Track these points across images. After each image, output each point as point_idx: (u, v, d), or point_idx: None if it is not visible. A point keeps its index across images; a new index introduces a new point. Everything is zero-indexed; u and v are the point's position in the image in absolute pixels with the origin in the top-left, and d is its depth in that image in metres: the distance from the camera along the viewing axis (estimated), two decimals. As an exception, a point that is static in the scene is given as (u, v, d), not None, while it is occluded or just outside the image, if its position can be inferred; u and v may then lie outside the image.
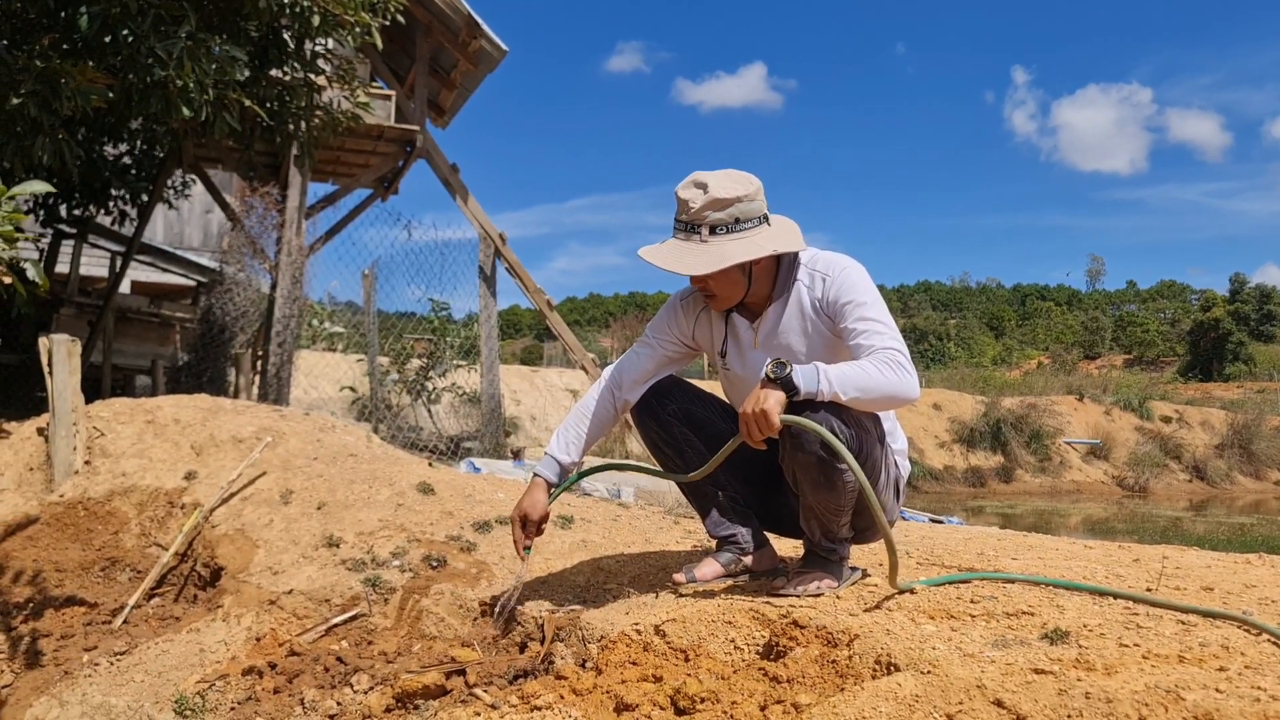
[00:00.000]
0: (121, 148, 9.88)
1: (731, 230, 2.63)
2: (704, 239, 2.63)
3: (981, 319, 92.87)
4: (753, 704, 2.16)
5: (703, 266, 2.61)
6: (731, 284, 2.72)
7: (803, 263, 2.76)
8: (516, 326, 71.56)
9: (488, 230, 11.05)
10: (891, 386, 2.45)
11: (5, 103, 5.01)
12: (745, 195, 2.64)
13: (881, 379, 2.45)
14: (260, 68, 6.54)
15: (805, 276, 2.74)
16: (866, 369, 2.46)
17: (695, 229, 2.64)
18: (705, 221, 2.62)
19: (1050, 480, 22.71)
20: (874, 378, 2.45)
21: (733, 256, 2.60)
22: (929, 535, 4.12)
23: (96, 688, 3.06)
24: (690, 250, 2.64)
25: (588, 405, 2.94)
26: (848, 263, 2.72)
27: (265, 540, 3.73)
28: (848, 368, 2.46)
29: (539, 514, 2.88)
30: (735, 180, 2.66)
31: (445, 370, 12.02)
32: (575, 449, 2.91)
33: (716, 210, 2.62)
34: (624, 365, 2.98)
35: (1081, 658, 2.02)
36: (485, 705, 2.50)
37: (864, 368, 2.46)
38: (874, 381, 2.44)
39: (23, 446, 4.43)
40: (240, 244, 10.26)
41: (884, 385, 2.45)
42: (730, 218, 2.63)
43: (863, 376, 2.45)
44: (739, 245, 2.62)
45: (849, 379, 2.43)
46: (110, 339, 11.16)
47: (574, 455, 2.91)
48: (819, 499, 2.59)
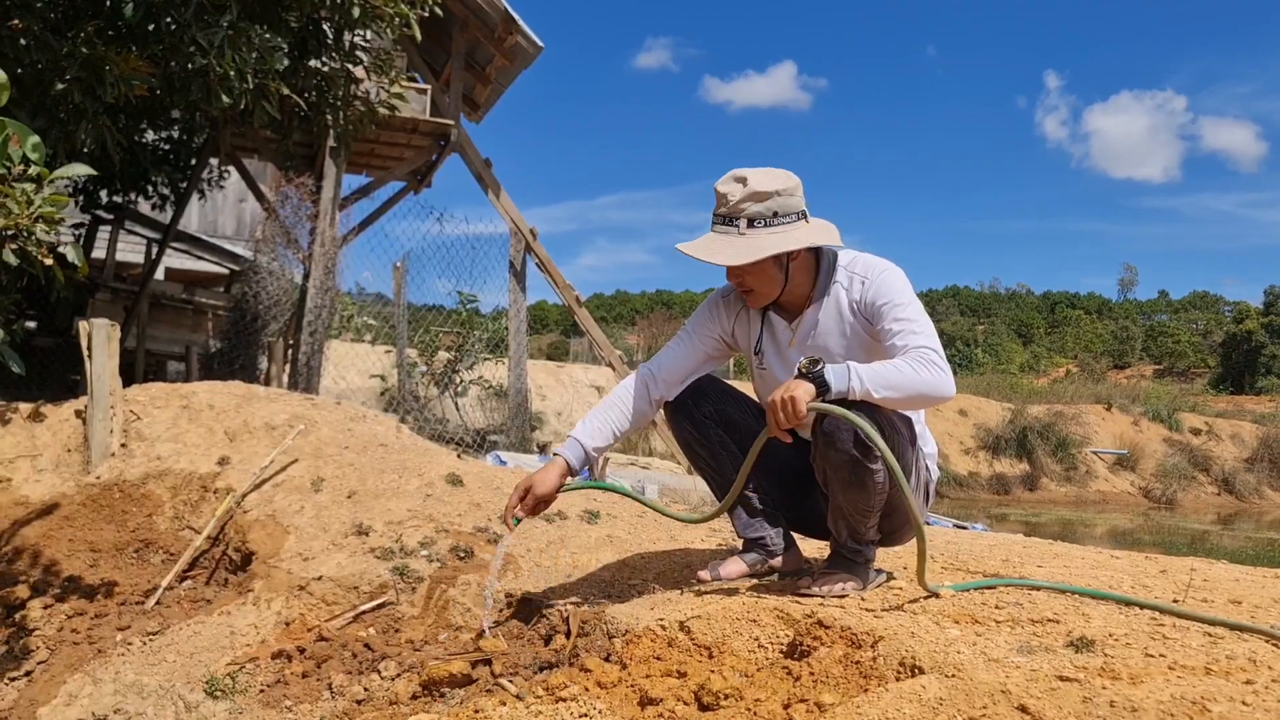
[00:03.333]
0: (160, 135, 10.00)
1: (769, 224, 2.63)
2: (741, 231, 2.64)
3: (1010, 325, 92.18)
4: (776, 702, 2.18)
5: (739, 257, 2.62)
6: (768, 279, 2.72)
7: (842, 265, 2.77)
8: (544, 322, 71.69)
9: (519, 225, 11.10)
10: (925, 385, 2.45)
11: (50, 88, 5.09)
12: (784, 190, 2.65)
13: (915, 377, 2.45)
14: (299, 58, 6.61)
15: (844, 278, 2.75)
16: (900, 367, 2.46)
17: (733, 221, 2.65)
18: (743, 214, 2.63)
19: (1076, 489, 22.52)
20: (907, 376, 2.45)
21: (768, 248, 2.61)
22: (954, 541, 4.11)
23: (129, 667, 3.12)
24: (727, 242, 2.65)
25: (620, 396, 2.91)
26: (886, 265, 2.73)
27: (296, 527, 3.78)
28: (880, 366, 2.46)
29: (544, 492, 2.81)
30: (774, 175, 2.66)
31: (473, 363, 12.09)
32: (601, 437, 2.87)
33: (755, 203, 2.62)
34: (660, 360, 2.96)
35: (1107, 666, 2.02)
36: (511, 695, 2.53)
37: (897, 366, 2.46)
38: (906, 379, 2.44)
39: (61, 428, 4.51)
40: (274, 233, 10.36)
41: (917, 383, 2.45)
42: (769, 211, 2.63)
43: (895, 374, 2.45)
44: (775, 238, 2.63)
45: (881, 377, 2.44)
46: (145, 325, 11.30)
47: (599, 442, 2.86)
48: (849, 498, 2.59)
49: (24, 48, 4.95)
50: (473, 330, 12.20)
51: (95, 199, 10.61)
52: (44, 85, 5.09)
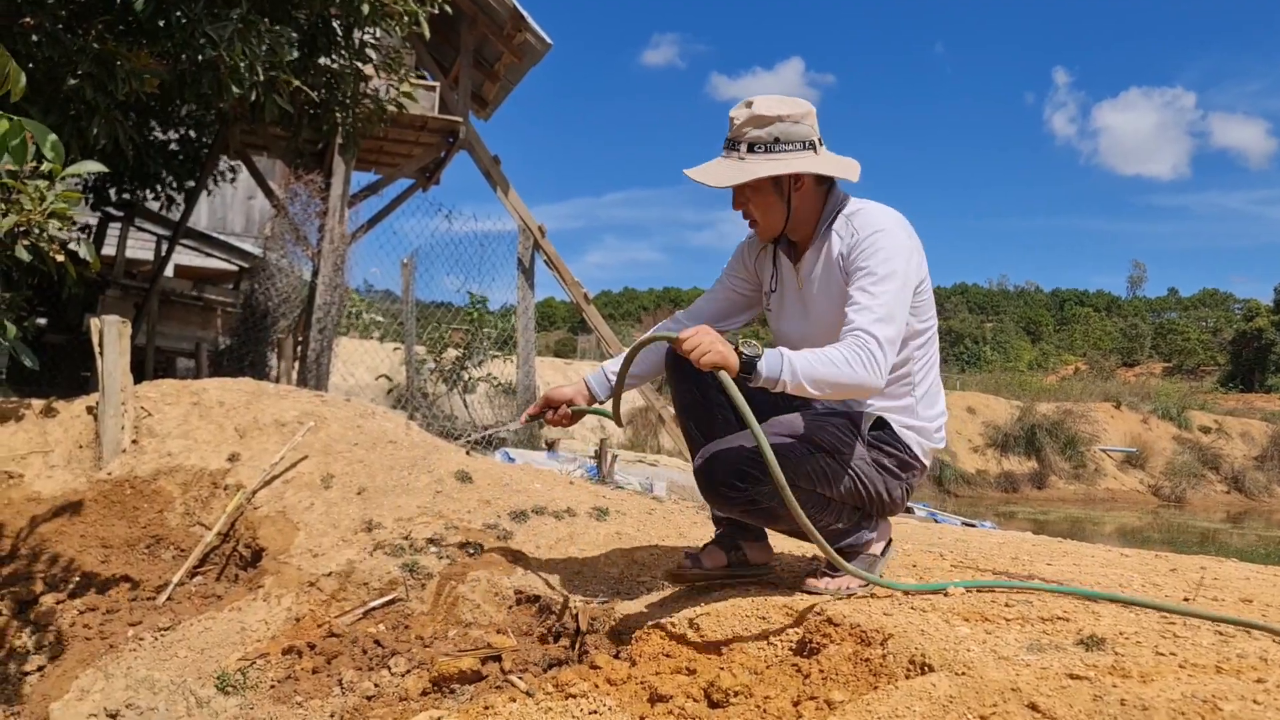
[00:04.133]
0: (170, 133, 10.02)
1: (770, 150, 2.55)
2: (741, 156, 2.57)
3: (1018, 323, 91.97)
4: (785, 699, 2.19)
5: (727, 179, 2.56)
6: (769, 208, 2.64)
7: (845, 213, 2.65)
8: (551, 319, 71.79)
9: (527, 223, 11.11)
10: (851, 380, 2.37)
11: (62, 84, 5.11)
12: (789, 115, 2.56)
13: (845, 371, 2.36)
14: (309, 55, 6.63)
15: (841, 227, 2.63)
16: (833, 358, 2.37)
17: (735, 146, 2.58)
18: (745, 138, 2.56)
19: (1084, 487, 22.48)
20: (837, 370, 2.36)
21: (758, 171, 2.53)
22: (963, 539, 4.11)
23: (141, 662, 3.13)
24: (725, 165, 2.59)
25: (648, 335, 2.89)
26: (883, 224, 2.58)
27: (306, 523, 3.79)
28: (814, 357, 2.37)
29: (557, 400, 2.85)
30: (782, 101, 2.58)
31: (481, 360, 12.11)
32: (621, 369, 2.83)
33: (756, 127, 2.55)
34: (692, 305, 2.95)
35: (1117, 665, 2.02)
36: (520, 692, 2.54)
37: (830, 357, 2.37)
38: (835, 374, 2.36)
39: (73, 424, 4.53)
40: (283, 230, 10.38)
41: (844, 378, 2.36)
42: (770, 136, 2.55)
43: (826, 367, 2.36)
44: (771, 164, 2.55)
45: (812, 370, 2.34)
46: (155, 321, 11.34)
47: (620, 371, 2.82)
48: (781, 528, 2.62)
49: (36, 44, 4.96)
50: (481, 327, 12.23)
51: (105, 196, 10.64)
52: (56, 81, 5.10)
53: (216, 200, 15.47)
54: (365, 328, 15.54)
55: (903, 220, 2.62)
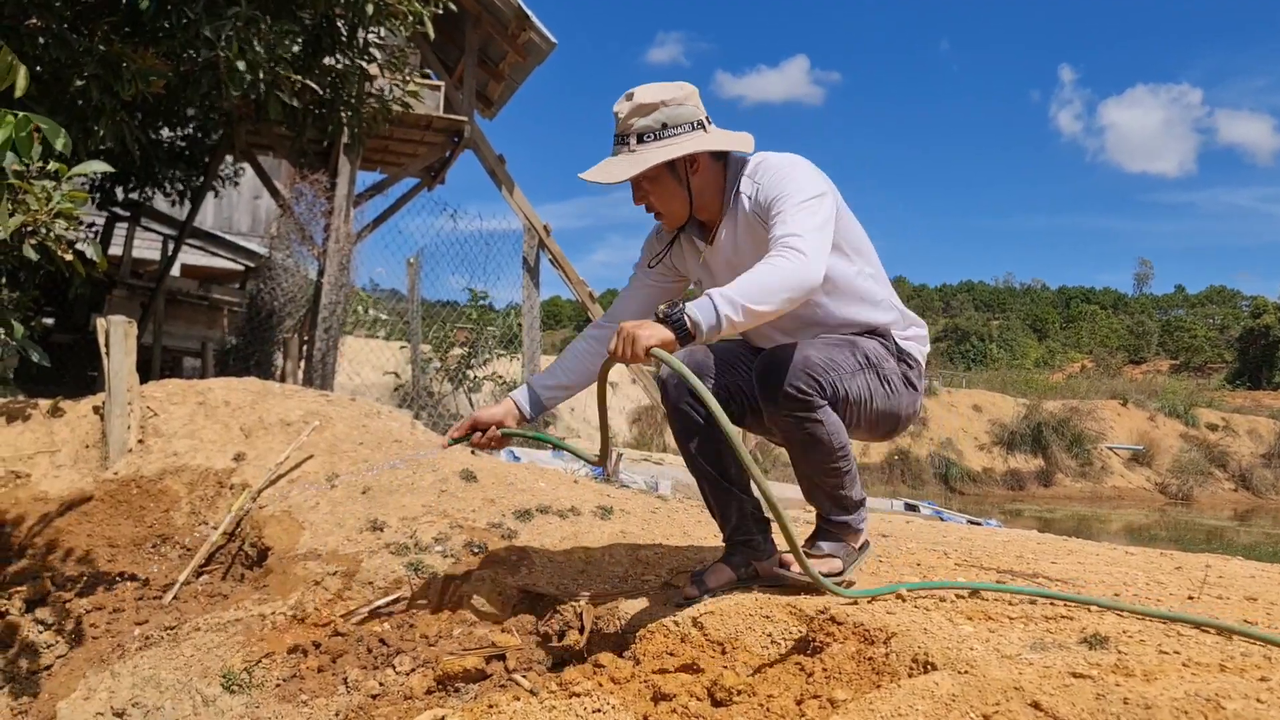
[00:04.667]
0: (176, 133, 10.05)
1: (659, 137, 2.51)
2: (632, 148, 2.53)
3: (1025, 320, 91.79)
4: (789, 698, 2.19)
5: (622, 172, 2.51)
6: (669, 195, 2.60)
7: (745, 173, 2.61)
8: (557, 318, 71.80)
9: (532, 221, 11.12)
10: (784, 279, 2.28)
11: (68, 86, 5.13)
12: (671, 99, 2.52)
13: (771, 278, 2.28)
14: (313, 55, 6.64)
15: (746, 186, 2.58)
16: (758, 271, 2.30)
17: (624, 140, 2.54)
18: (632, 130, 2.52)
19: (1091, 485, 22.46)
20: (768, 278, 2.28)
21: (651, 159, 2.49)
22: (967, 537, 4.11)
23: (147, 660, 3.14)
24: (618, 161, 2.54)
25: (573, 345, 2.88)
26: (784, 163, 2.55)
27: (311, 522, 3.80)
28: (737, 281, 2.29)
29: (482, 422, 2.80)
30: (663, 86, 2.55)
31: (486, 359, 12.13)
32: (552, 382, 2.84)
33: (641, 117, 2.51)
34: (610, 309, 2.90)
35: (1120, 663, 2.02)
36: (524, 691, 2.55)
37: (755, 271, 2.30)
38: (770, 282, 2.28)
39: (79, 424, 4.55)
40: (289, 230, 10.41)
41: (777, 281, 2.28)
42: (656, 123, 2.51)
43: (758, 282, 2.28)
44: (663, 149, 2.50)
45: (745, 294, 2.26)
46: (161, 321, 11.37)
47: (550, 387, 2.84)
48: (808, 461, 2.54)
49: (43, 45, 4.98)
50: (486, 326, 12.24)
51: (112, 196, 10.67)
52: (62, 83, 5.12)
53: (222, 200, 15.49)
54: (371, 326, 15.57)
55: (804, 159, 2.59)
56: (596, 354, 2.82)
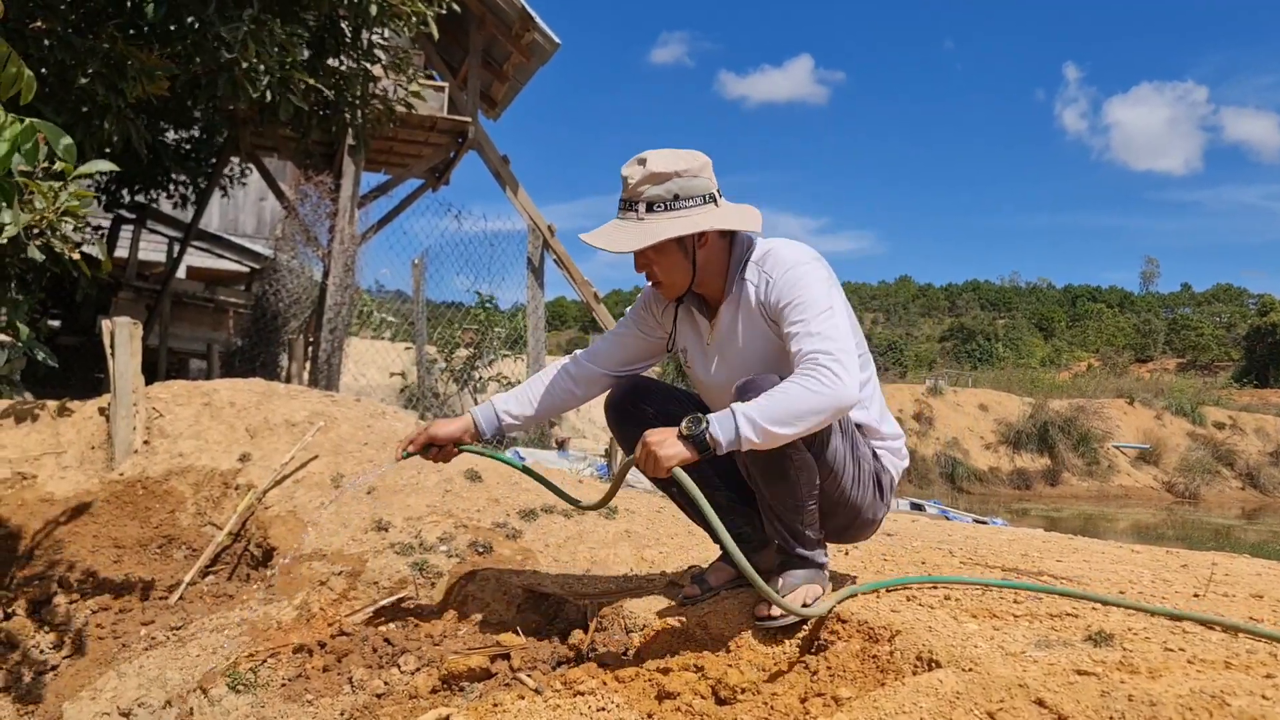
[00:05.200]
0: (182, 135, 10.08)
1: (670, 208, 2.45)
2: (640, 216, 2.46)
3: (1031, 319, 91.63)
4: (793, 696, 2.19)
5: (630, 243, 2.45)
6: (673, 267, 2.54)
7: (754, 260, 2.55)
8: (562, 318, 71.83)
9: (537, 222, 11.13)
10: (817, 404, 2.22)
11: (73, 85, 5.14)
12: (685, 170, 2.46)
13: (806, 399, 2.22)
14: (317, 57, 6.65)
15: (753, 275, 2.53)
16: (788, 392, 2.24)
17: (633, 206, 2.48)
18: (642, 198, 2.46)
19: (1098, 484, 22.41)
20: (798, 400, 2.23)
21: (662, 233, 2.43)
22: (973, 536, 4.10)
23: (153, 660, 3.15)
24: (625, 228, 2.48)
25: (545, 374, 2.84)
26: (796, 260, 2.48)
27: (316, 522, 3.81)
28: (766, 400, 2.25)
29: (438, 434, 2.76)
30: (678, 155, 2.48)
31: (492, 360, 12.14)
32: (516, 406, 2.80)
33: (654, 185, 2.45)
34: (593, 346, 2.87)
35: (1125, 660, 2.02)
36: (529, 689, 2.55)
37: (785, 391, 2.24)
38: (799, 404, 2.22)
39: (85, 425, 4.56)
40: (294, 231, 10.43)
41: (808, 404, 2.22)
42: (668, 194, 2.45)
43: (785, 404, 2.23)
44: (674, 223, 2.44)
45: (772, 414, 2.22)
46: (167, 323, 11.41)
47: (511, 410, 2.80)
48: (773, 492, 2.45)
49: (48, 48, 5.00)
50: (491, 327, 12.25)
51: (118, 198, 10.71)
52: (67, 83, 5.14)
53: (228, 202, 15.54)
54: (377, 327, 15.59)
55: (812, 252, 2.53)
56: (568, 390, 2.80)
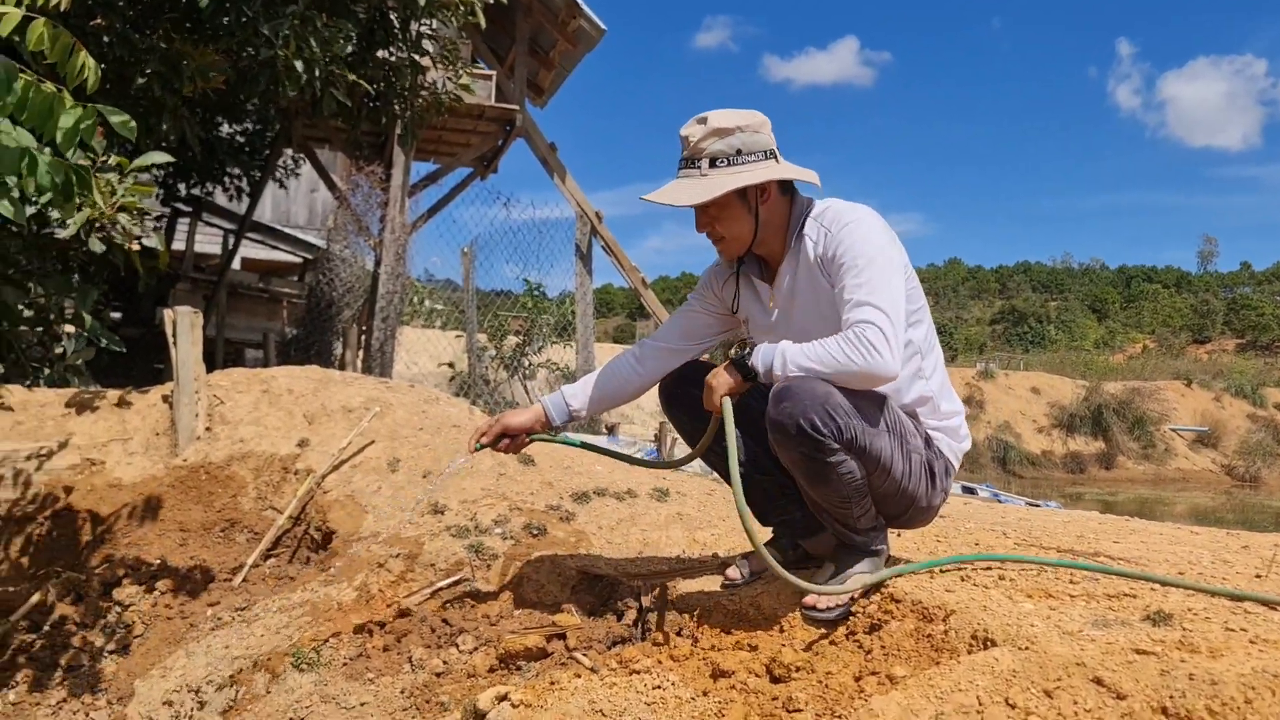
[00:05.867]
0: (235, 128, 10.24)
1: (733, 162, 2.47)
2: (704, 172, 2.48)
3: (1084, 301, 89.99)
4: (847, 674, 2.20)
5: (696, 196, 2.47)
6: (736, 221, 2.54)
7: (812, 216, 2.55)
8: (610, 305, 71.93)
9: (584, 209, 11.17)
10: (852, 367, 2.27)
11: (131, 83, 5.26)
12: (748, 125, 2.48)
13: (843, 360, 2.28)
14: (367, 49, 6.72)
15: (812, 230, 2.53)
16: (828, 348, 2.30)
17: (695, 163, 2.49)
18: (705, 153, 2.48)
19: (1154, 468, 22.04)
20: (834, 358, 2.29)
21: (726, 185, 2.44)
22: (1026, 518, 4.08)
23: (220, 640, 3.24)
24: (689, 184, 2.50)
25: (612, 364, 2.87)
26: (854, 216, 2.47)
27: (374, 506, 3.88)
28: (810, 346, 2.32)
29: (511, 425, 2.80)
30: (739, 112, 2.51)
31: (541, 347, 12.22)
32: (585, 396, 2.82)
33: (717, 139, 2.47)
34: (659, 330, 2.89)
35: (1185, 640, 2.00)
36: (585, 668, 2.59)
37: (826, 346, 2.31)
38: (832, 362, 2.29)
39: (149, 413, 4.68)
40: (346, 222, 10.57)
41: (843, 366, 2.28)
42: (731, 148, 2.47)
43: (820, 357, 2.30)
44: (738, 176, 2.46)
45: (805, 358, 2.31)
46: (224, 314, 11.62)
47: (579, 399, 2.82)
48: (817, 492, 2.45)
49: (107, 44, 5.11)
50: (540, 314, 12.32)
51: (174, 192, 10.92)
52: (125, 81, 5.25)
53: (280, 193, 15.77)
54: (428, 316, 15.75)
55: (873, 211, 2.52)
56: (633, 370, 2.83)
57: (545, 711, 2.22)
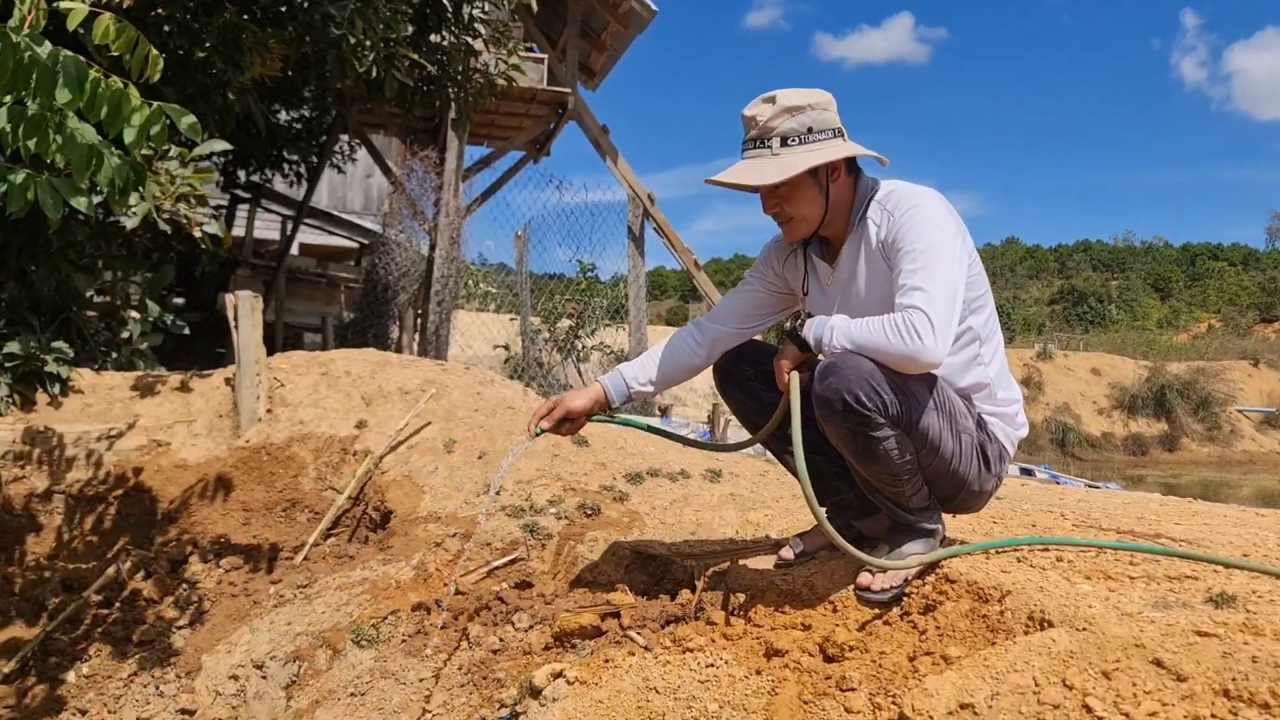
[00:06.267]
0: (292, 115, 10.39)
1: (804, 140, 2.43)
2: (775, 151, 2.44)
3: (1146, 280, 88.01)
4: (901, 654, 2.20)
5: (772, 175, 2.42)
6: (807, 200, 2.51)
7: (877, 199, 2.52)
8: (662, 288, 71.88)
9: (636, 191, 11.17)
10: (892, 350, 2.26)
11: (191, 61, 5.35)
12: (817, 103, 2.45)
13: (885, 343, 2.27)
14: (420, 33, 6.78)
15: (875, 213, 2.50)
16: (874, 328, 2.29)
17: (764, 142, 2.45)
18: (775, 132, 2.44)
19: (1219, 450, 21.56)
20: (877, 340, 2.28)
21: (801, 164, 2.41)
22: (1085, 499, 4.02)
23: (283, 617, 3.32)
24: (761, 164, 2.46)
25: (669, 342, 2.85)
26: (919, 200, 2.44)
27: (430, 486, 3.94)
28: (858, 324, 2.32)
29: (572, 407, 2.77)
30: (806, 91, 2.47)
31: (594, 329, 12.26)
32: (644, 375, 2.80)
33: (789, 118, 2.43)
34: (714, 309, 2.88)
35: (1249, 622, 1.97)
36: (639, 646, 2.61)
37: (872, 326, 2.30)
38: (877, 344, 2.28)
39: (212, 395, 4.79)
40: (401, 206, 10.67)
41: (886, 350, 2.27)
42: (802, 126, 2.43)
43: (866, 335, 2.30)
44: (811, 154, 2.43)
45: (852, 335, 2.31)
46: (283, 298, 11.82)
47: (639, 379, 2.80)
48: (866, 470, 2.43)
49: (168, 33, 5.21)
50: (593, 297, 12.36)
51: (234, 179, 11.11)
52: (187, 66, 5.35)
53: (337, 179, 15.97)
54: (482, 299, 15.88)
55: (938, 195, 2.49)
56: (691, 351, 2.81)
57: (600, 689, 2.25)
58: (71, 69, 2.23)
